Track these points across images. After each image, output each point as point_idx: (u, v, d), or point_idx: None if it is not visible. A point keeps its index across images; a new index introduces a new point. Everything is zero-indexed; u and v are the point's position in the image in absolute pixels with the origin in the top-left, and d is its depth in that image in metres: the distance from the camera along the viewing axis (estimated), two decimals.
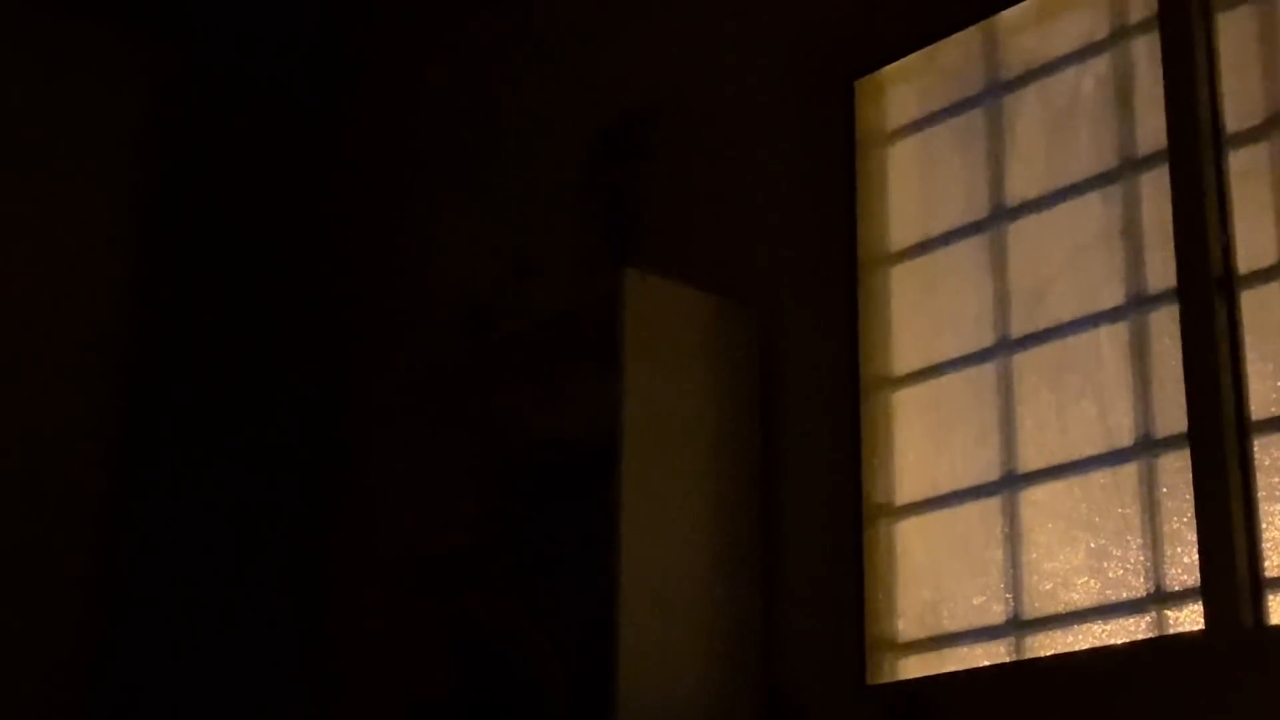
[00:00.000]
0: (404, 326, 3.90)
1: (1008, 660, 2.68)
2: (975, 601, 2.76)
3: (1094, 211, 2.76)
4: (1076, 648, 2.61)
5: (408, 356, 3.79)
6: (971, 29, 2.97)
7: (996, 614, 2.73)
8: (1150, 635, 2.54)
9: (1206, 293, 2.53)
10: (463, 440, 3.44)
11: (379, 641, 3.69)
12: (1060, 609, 2.65)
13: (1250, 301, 2.53)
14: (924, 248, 2.99)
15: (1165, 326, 2.62)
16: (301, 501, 4.00)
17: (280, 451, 4.04)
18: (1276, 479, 2.45)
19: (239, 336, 4.10)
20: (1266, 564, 2.43)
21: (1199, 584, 2.46)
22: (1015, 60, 2.93)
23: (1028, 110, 2.90)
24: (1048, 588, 2.68)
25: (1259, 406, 2.49)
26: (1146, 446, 2.61)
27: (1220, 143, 2.60)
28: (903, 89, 3.09)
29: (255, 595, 3.92)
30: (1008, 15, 2.93)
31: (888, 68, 3.09)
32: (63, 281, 3.92)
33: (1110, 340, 2.70)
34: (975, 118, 2.96)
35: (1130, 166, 2.73)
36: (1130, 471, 2.62)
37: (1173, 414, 2.57)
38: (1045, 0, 2.89)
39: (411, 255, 3.97)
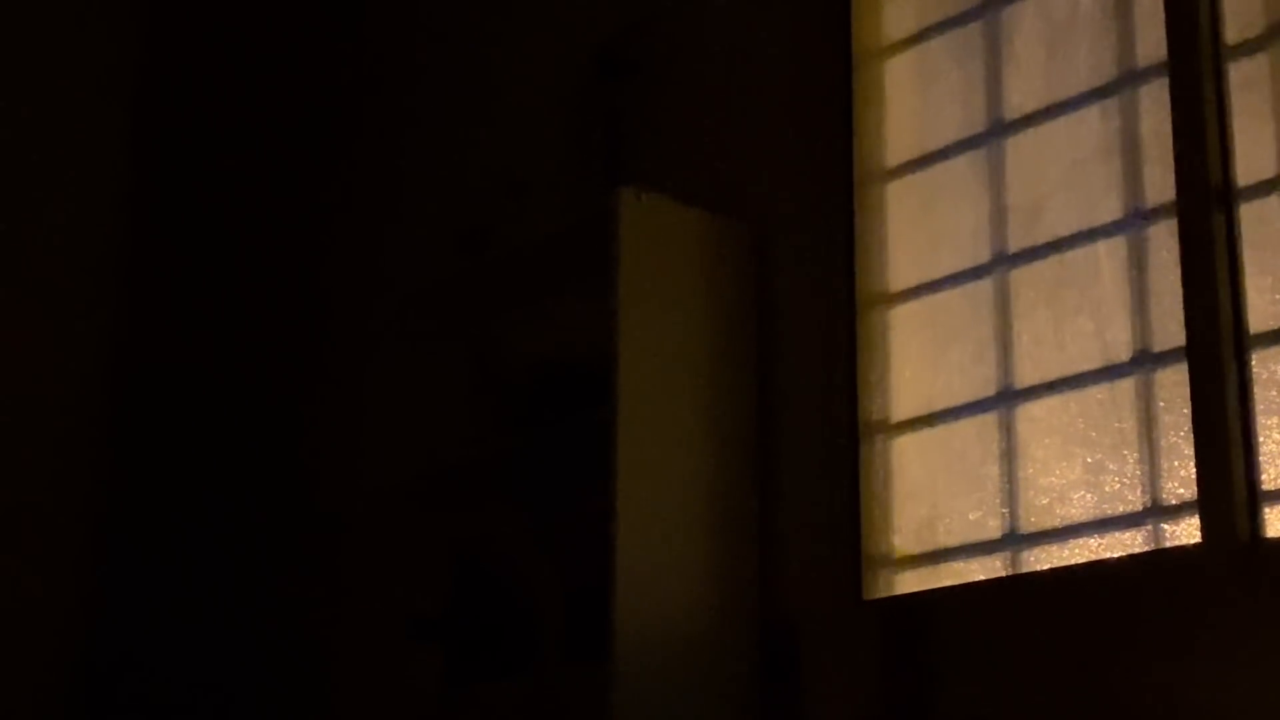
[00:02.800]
0: (399, 245, 3.88)
1: (1004, 575, 2.69)
2: (971, 517, 2.76)
3: (1092, 125, 2.74)
4: (1072, 562, 2.61)
5: (403, 275, 3.78)
6: None
7: (993, 529, 2.73)
8: (1147, 549, 2.54)
9: (1205, 206, 2.52)
10: (458, 359, 3.43)
11: (377, 562, 3.69)
12: (1056, 523, 2.65)
13: (1249, 214, 2.51)
14: (921, 163, 2.97)
15: (1164, 241, 2.60)
16: (296, 421, 4.00)
17: (274, 371, 4.04)
18: (1274, 392, 2.45)
19: (230, 258, 4.08)
20: (1263, 477, 2.42)
21: (1196, 498, 2.46)
22: None
23: (1026, 23, 2.87)
24: (1044, 503, 2.68)
25: (1257, 320, 2.48)
26: (1144, 361, 2.61)
27: (1220, 54, 2.57)
28: (900, 2, 3.06)
29: (250, 516, 3.92)
30: None
31: None
32: (54, 208, 3.90)
33: (1108, 255, 2.68)
34: (973, 31, 2.94)
35: (1129, 79, 2.71)
36: (1127, 386, 2.62)
37: (1170, 328, 2.56)
38: None
39: (406, 174, 3.95)
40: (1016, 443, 2.73)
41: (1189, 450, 2.48)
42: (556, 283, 3.27)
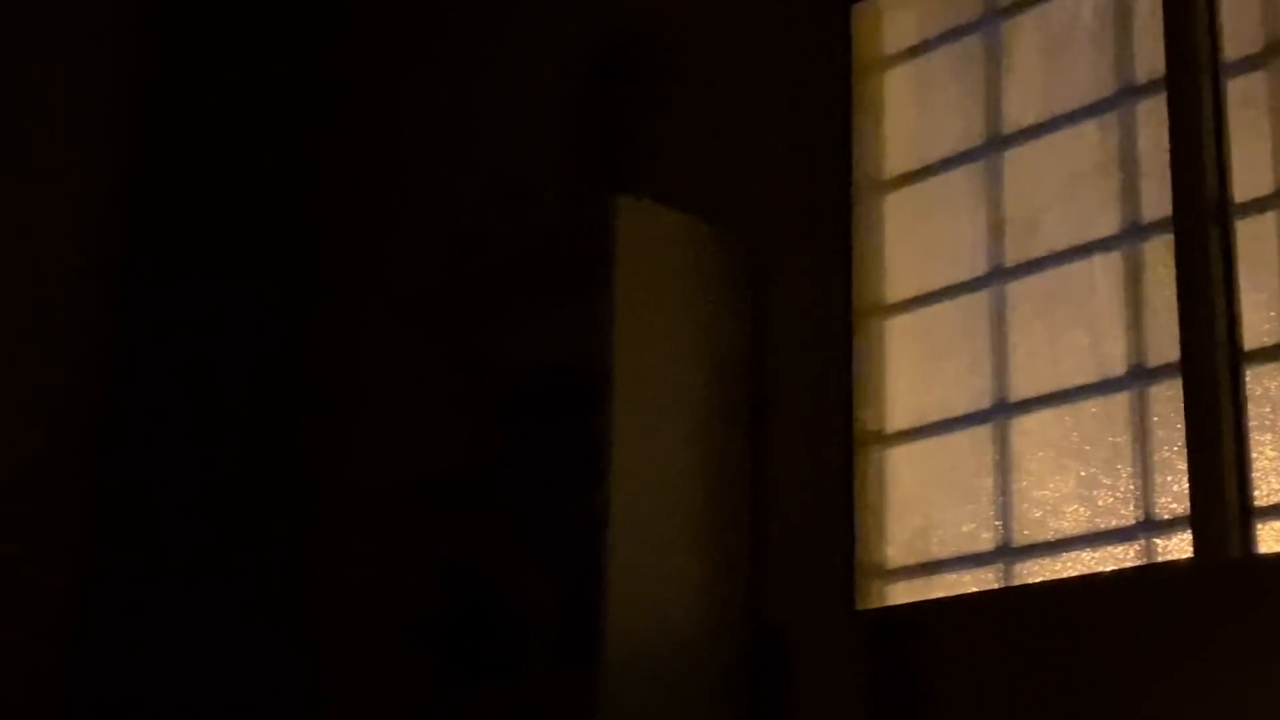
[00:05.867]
0: (396, 249, 3.88)
1: (996, 587, 2.69)
2: (964, 529, 2.77)
3: (1090, 140, 2.75)
4: (1065, 575, 2.62)
5: (400, 279, 3.78)
6: None
7: (986, 541, 2.74)
8: (1139, 563, 2.55)
9: (1201, 222, 2.53)
10: (453, 364, 3.43)
11: (369, 567, 3.69)
12: (1049, 536, 2.66)
13: (1245, 231, 2.52)
14: (918, 175, 2.97)
15: (1159, 256, 2.61)
16: (288, 424, 3.99)
17: (268, 374, 4.03)
18: (1267, 409, 2.46)
19: (226, 258, 4.07)
20: (1255, 493, 2.43)
21: (1188, 513, 2.47)
22: None
23: (1025, 37, 2.88)
24: (1037, 515, 2.68)
25: (1251, 336, 2.49)
26: (1138, 376, 2.61)
27: (1218, 71, 2.58)
28: (900, 14, 3.07)
29: (241, 519, 3.91)
30: None
31: None
32: (51, 201, 3.89)
33: (1104, 269, 2.69)
34: (973, 44, 2.95)
35: (1127, 94, 2.72)
36: (1121, 401, 2.62)
37: (1165, 344, 2.57)
38: None
39: (404, 179, 3.95)
40: (1010, 455, 2.74)
41: (1182, 465, 2.49)
42: (552, 289, 3.27)
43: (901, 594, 2.81)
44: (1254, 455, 2.45)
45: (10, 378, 3.76)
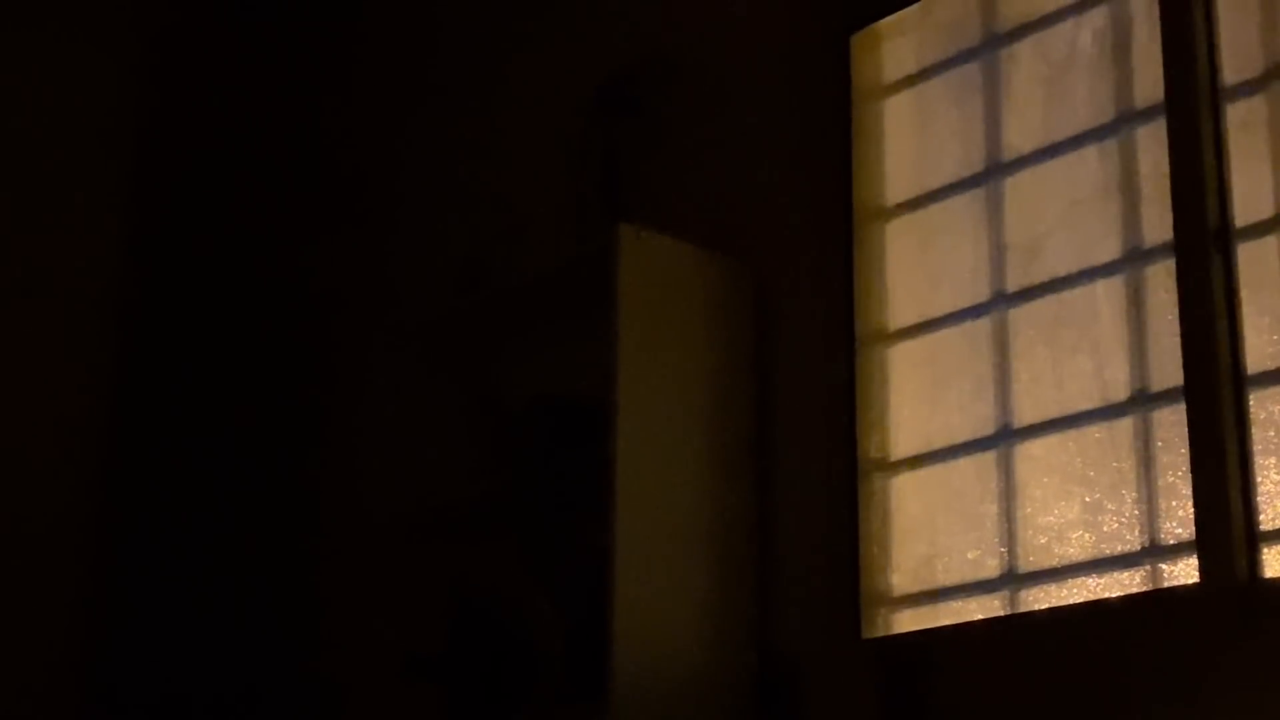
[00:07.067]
0: (399, 279, 3.89)
1: (1002, 614, 2.69)
2: (970, 556, 2.76)
3: (1091, 165, 2.75)
4: (1071, 602, 2.61)
5: (402, 309, 3.78)
6: None
7: (991, 568, 2.73)
8: (1145, 589, 2.54)
9: (1203, 246, 2.53)
10: (457, 394, 3.44)
11: (374, 597, 3.69)
12: (1055, 563, 2.65)
13: (1247, 255, 2.52)
14: (920, 202, 2.98)
15: (1162, 280, 2.61)
16: (294, 454, 4.00)
17: (272, 404, 4.03)
18: (1271, 433, 2.45)
19: (231, 288, 4.08)
20: (1261, 517, 2.43)
21: (1194, 537, 2.46)
22: (1012, 13, 2.92)
23: (1024, 64, 2.89)
24: (1042, 542, 2.68)
25: (1255, 360, 2.48)
26: (1142, 401, 2.61)
27: (1218, 95, 2.58)
28: (899, 43, 3.07)
29: (248, 549, 3.91)
30: None
31: (884, 21, 3.08)
32: (57, 235, 3.91)
33: (1106, 294, 2.69)
34: (972, 71, 2.95)
35: (1127, 120, 2.72)
36: (1125, 426, 2.62)
37: (1168, 368, 2.57)
38: None
39: (406, 208, 3.96)
40: (1015, 481, 2.74)
41: (1187, 490, 2.49)
42: (556, 318, 3.27)
43: (907, 622, 2.81)
44: (1259, 479, 2.44)
45: (23, 410, 3.77)
